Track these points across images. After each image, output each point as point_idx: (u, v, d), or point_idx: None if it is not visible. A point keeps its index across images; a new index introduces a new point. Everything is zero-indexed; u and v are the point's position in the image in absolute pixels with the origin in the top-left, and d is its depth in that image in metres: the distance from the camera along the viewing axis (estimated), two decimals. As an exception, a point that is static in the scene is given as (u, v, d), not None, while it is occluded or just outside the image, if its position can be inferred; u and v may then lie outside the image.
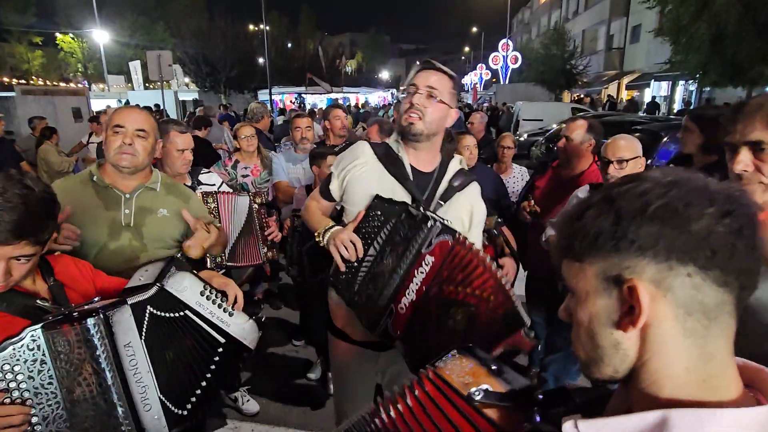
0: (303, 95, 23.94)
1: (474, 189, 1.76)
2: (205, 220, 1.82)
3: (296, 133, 3.66)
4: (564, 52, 23.60)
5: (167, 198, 1.90)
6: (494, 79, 37.83)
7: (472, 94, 33.29)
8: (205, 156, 4.27)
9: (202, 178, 2.67)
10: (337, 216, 1.84)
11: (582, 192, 2.44)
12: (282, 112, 16.88)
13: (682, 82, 19.22)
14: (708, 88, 14.79)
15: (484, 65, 40.66)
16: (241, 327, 1.43)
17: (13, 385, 1.12)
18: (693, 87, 17.17)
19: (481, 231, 1.82)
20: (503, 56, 30.91)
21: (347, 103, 23.77)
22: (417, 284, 1.43)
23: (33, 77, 33.52)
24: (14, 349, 1.11)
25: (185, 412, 1.29)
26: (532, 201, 2.79)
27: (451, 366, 1.02)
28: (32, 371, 1.13)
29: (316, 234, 1.65)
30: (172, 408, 1.25)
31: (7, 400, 1.12)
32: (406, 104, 1.61)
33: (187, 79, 27.74)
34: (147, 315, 1.26)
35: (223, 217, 2.42)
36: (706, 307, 0.56)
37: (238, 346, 1.42)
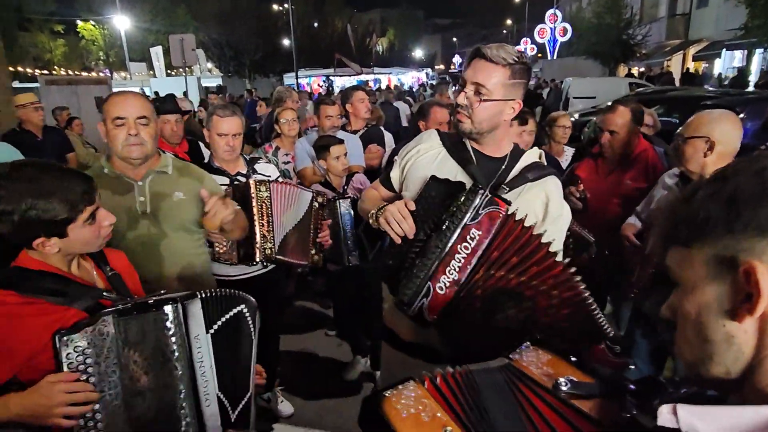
0: (331, 78, 24.05)
1: (553, 183, 1.64)
2: (219, 195, 1.85)
3: (326, 122, 3.64)
4: (620, 20, 22.67)
5: (181, 180, 1.95)
6: (540, 54, 36.85)
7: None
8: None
9: (258, 167, 2.70)
10: None
11: (669, 177, 2.32)
12: (310, 96, 17.00)
13: (759, 51, 18.12)
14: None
15: (528, 39, 39.63)
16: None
17: (81, 368, 1.18)
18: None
19: (562, 230, 1.67)
20: (550, 28, 30.04)
21: (377, 85, 23.70)
22: (460, 261, 1.34)
23: (55, 67, 35.13)
24: (86, 332, 1.17)
25: (234, 417, 1.34)
26: (581, 186, 2.72)
27: (527, 358, 1.01)
28: (99, 357, 1.19)
29: (369, 215, 1.59)
30: (228, 406, 1.31)
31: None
32: (456, 101, 1.58)
33: (210, 65, 28.39)
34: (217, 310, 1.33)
35: (275, 207, 2.43)
36: None
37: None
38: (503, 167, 1.62)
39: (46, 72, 32.24)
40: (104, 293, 1.35)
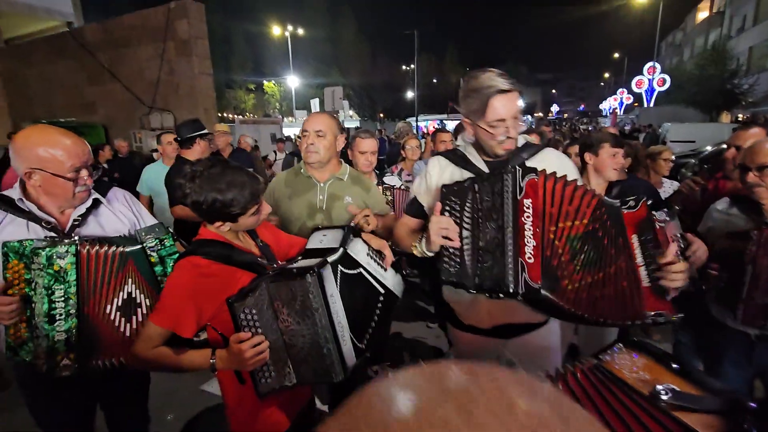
0: (444, 121, 24.23)
1: (549, 153, 1.57)
2: (377, 209, 1.95)
3: (440, 146, 3.69)
4: (723, 71, 19.58)
5: (353, 188, 2.03)
6: (636, 104, 33.31)
7: (611, 119, 29.76)
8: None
9: (385, 179, 2.92)
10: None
11: (721, 204, 1.92)
12: (424, 136, 17.26)
13: None
14: None
15: (625, 90, 36.11)
16: (392, 280, 1.56)
17: (251, 323, 1.29)
18: None
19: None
20: (648, 79, 27.03)
21: (483, 129, 23.24)
22: (530, 230, 1.24)
23: (247, 113, 40.28)
24: (251, 297, 1.28)
25: (363, 345, 1.39)
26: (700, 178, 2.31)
27: (619, 360, 0.83)
28: (261, 313, 1.28)
29: (412, 247, 1.50)
30: (357, 343, 1.35)
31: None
32: (508, 136, 1.52)
33: (351, 111, 30.36)
34: (339, 271, 1.37)
35: (396, 207, 2.62)
36: None
37: (391, 295, 1.54)
38: (511, 158, 1.55)
39: (240, 117, 37.13)
40: (258, 259, 1.44)
